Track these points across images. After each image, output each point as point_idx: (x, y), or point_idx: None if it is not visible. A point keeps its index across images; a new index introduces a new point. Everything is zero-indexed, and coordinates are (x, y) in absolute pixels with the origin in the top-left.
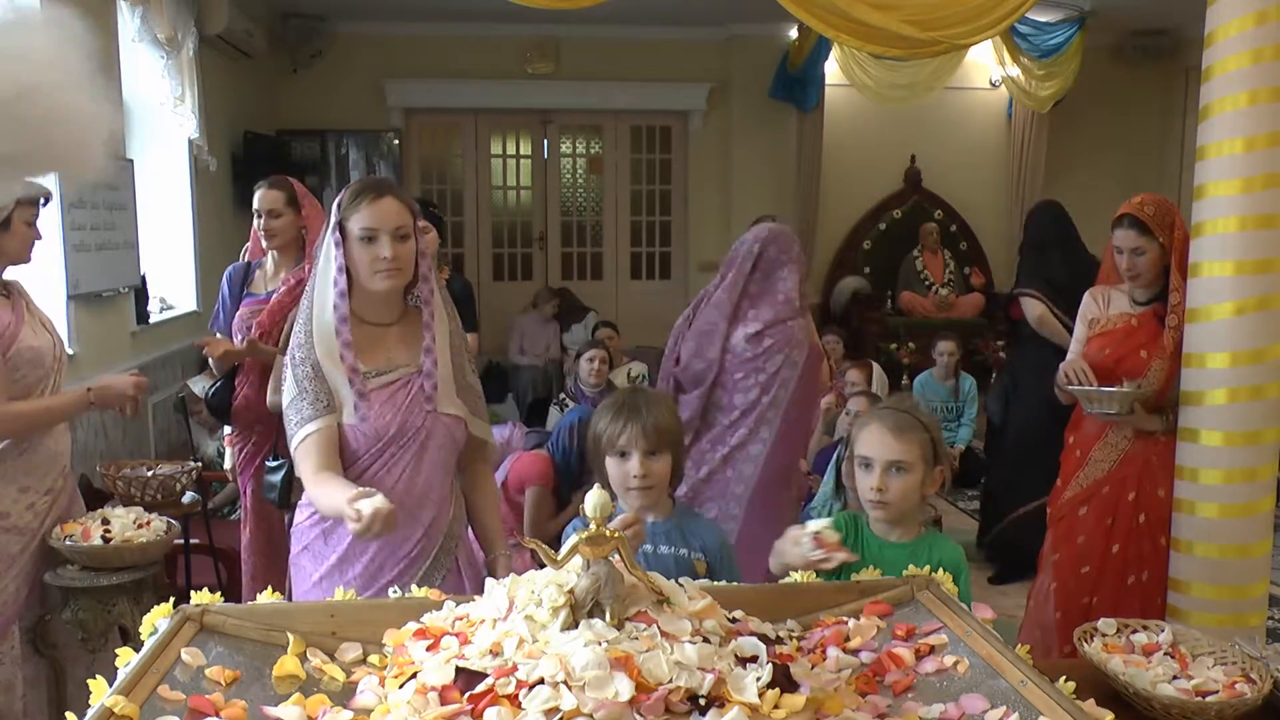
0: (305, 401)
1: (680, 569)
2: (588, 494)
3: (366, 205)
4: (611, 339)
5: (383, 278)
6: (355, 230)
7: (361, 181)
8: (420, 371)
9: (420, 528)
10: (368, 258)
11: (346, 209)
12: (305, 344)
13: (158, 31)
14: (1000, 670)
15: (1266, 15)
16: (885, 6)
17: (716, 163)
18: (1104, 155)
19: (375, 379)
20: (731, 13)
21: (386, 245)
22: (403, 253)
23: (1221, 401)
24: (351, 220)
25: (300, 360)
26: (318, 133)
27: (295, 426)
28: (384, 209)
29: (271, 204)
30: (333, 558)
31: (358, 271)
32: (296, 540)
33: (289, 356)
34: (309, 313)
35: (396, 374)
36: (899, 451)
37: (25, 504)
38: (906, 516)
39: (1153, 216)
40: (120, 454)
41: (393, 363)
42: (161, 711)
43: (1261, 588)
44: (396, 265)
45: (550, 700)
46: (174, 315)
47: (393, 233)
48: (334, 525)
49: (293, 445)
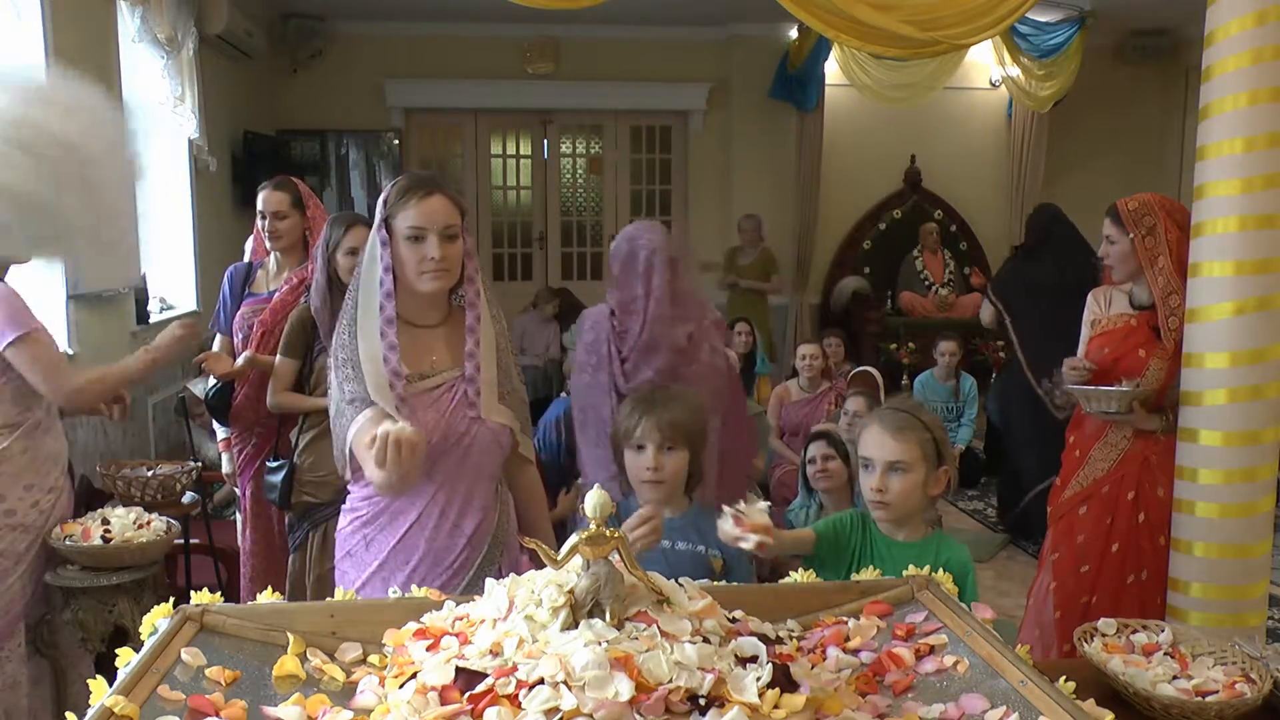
0: (355, 405)
1: (697, 565)
2: (588, 494)
3: (415, 203)
4: None
5: (430, 278)
6: (402, 229)
7: (410, 177)
8: (463, 376)
9: (463, 537)
10: (415, 258)
11: (393, 206)
12: (349, 344)
13: (158, 31)
14: (1000, 670)
15: (1266, 15)
16: (885, 6)
17: (716, 163)
18: (1104, 155)
19: (418, 383)
20: (731, 13)
21: (435, 245)
22: (451, 253)
23: (1221, 401)
24: (398, 218)
25: (343, 361)
26: (318, 133)
27: (349, 422)
28: (433, 207)
29: (277, 205)
30: (374, 564)
31: (403, 271)
32: (340, 546)
33: (331, 356)
34: (353, 313)
35: (440, 378)
36: (897, 451)
37: (30, 501)
38: (911, 517)
39: (1130, 211)
40: (120, 454)
41: (436, 367)
42: (161, 711)
43: (1261, 588)
44: (444, 266)
45: (550, 700)
46: (174, 315)
47: (441, 232)
48: (375, 533)
49: (347, 442)
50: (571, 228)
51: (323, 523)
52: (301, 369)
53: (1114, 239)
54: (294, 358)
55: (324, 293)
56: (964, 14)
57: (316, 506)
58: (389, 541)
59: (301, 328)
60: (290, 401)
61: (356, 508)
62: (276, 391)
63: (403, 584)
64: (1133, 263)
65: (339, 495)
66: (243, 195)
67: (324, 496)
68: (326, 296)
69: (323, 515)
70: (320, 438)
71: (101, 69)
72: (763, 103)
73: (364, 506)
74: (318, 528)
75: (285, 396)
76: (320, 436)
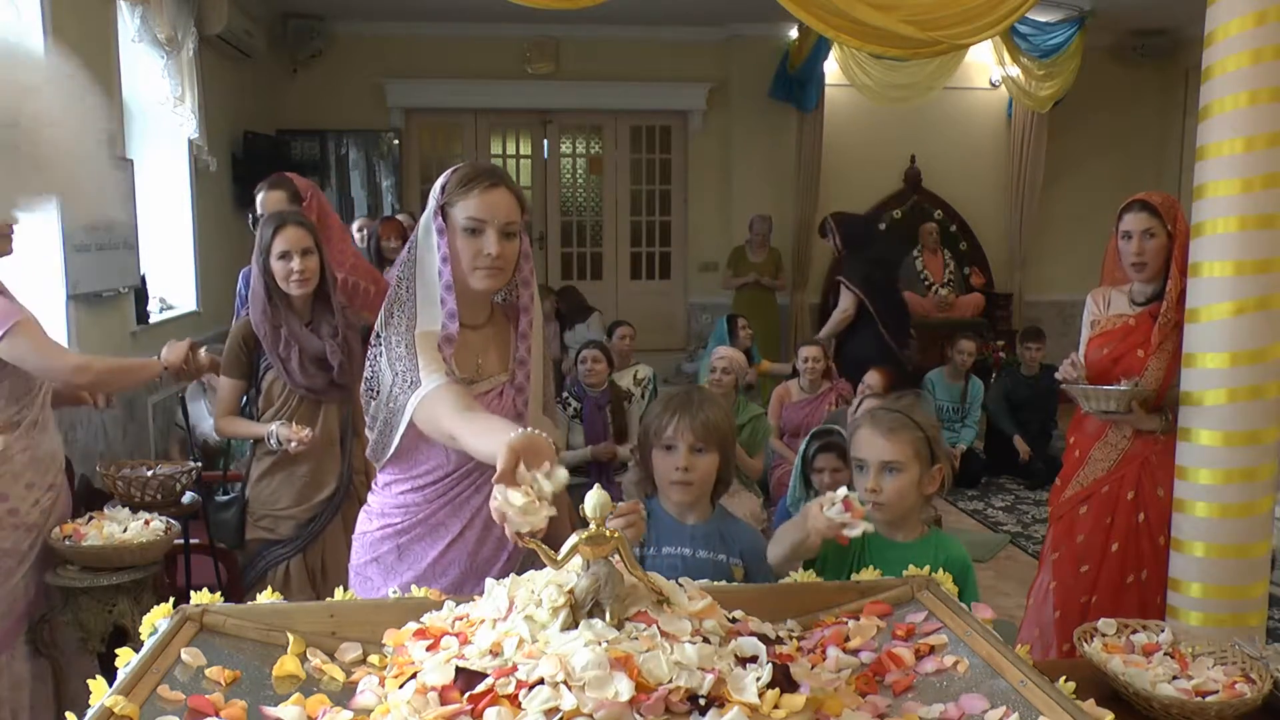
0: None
1: (718, 575)
2: (588, 494)
3: (479, 194)
4: (629, 339)
5: (484, 275)
6: (460, 219)
7: (473, 166)
8: (511, 382)
9: (505, 551)
10: (470, 251)
11: (453, 193)
12: (406, 334)
13: (158, 31)
14: (1000, 670)
15: (1266, 15)
16: (885, 6)
17: (716, 163)
18: (1104, 155)
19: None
20: (731, 13)
21: (493, 240)
22: (509, 251)
23: (1221, 401)
24: (457, 207)
25: (394, 344)
26: (317, 133)
27: (410, 389)
28: (496, 200)
29: (275, 205)
30: (409, 574)
31: (455, 264)
32: (364, 549)
33: (373, 351)
34: (412, 307)
35: (487, 384)
36: (890, 452)
37: (32, 500)
38: (907, 516)
39: (1160, 203)
40: (120, 454)
41: (483, 371)
42: (161, 711)
43: (1261, 588)
44: (500, 265)
45: (550, 700)
46: (174, 315)
47: (501, 227)
48: (410, 543)
49: (418, 401)
50: (571, 228)
51: (283, 561)
52: (247, 390)
53: (1153, 230)
54: (238, 378)
55: (263, 303)
56: (964, 14)
57: (273, 544)
58: (428, 554)
59: (243, 344)
60: (236, 428)
61: (389, 514)
62: (219, 415)
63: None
64: (1164, 256)
65: (300, 530)
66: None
67: (283, 532)
68: (266, 308)
69: (282, 554)
70: (277, 467)
71: (101, 69)
72: (763, 103)
73: (398, 514)
74: (276, 567)
75: (230, 422)
76: (277, 466)
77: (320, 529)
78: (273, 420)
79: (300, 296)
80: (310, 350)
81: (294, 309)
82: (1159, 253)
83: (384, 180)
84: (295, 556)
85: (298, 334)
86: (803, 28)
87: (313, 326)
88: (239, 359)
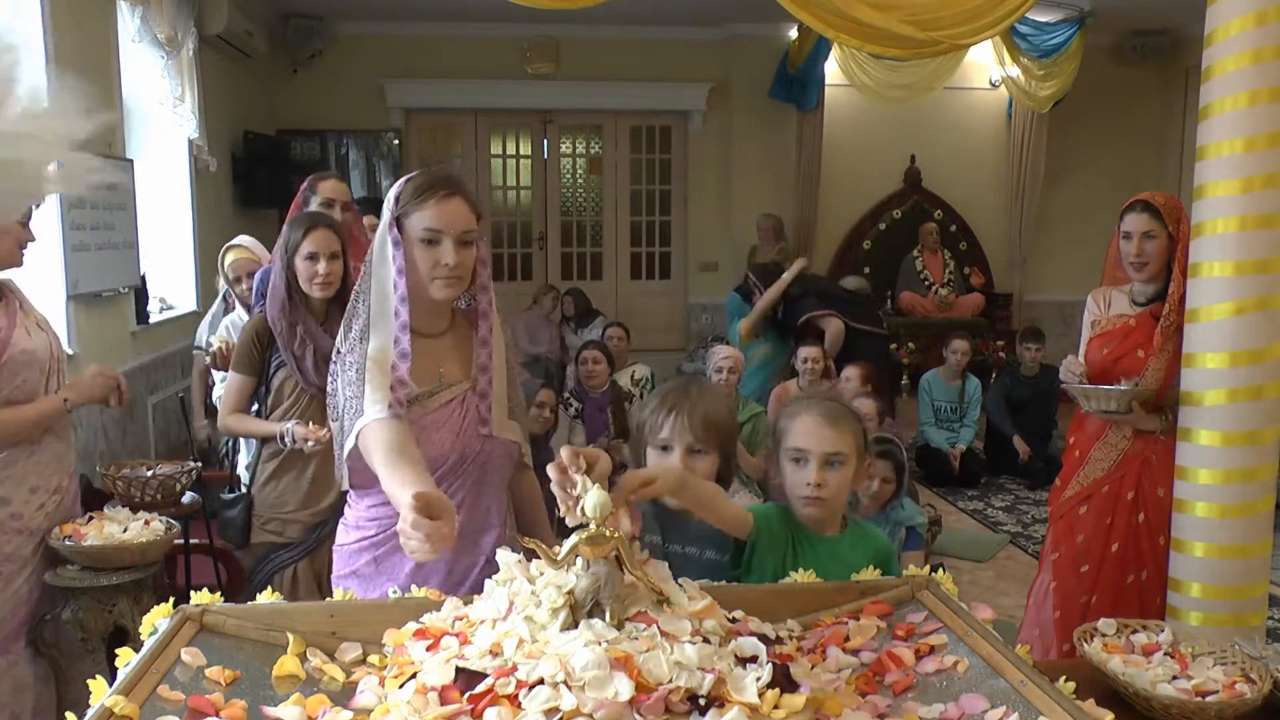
0: (359, 399)
1: (722, 577)
2: (588, 494)
3: (434, 204)
4: (620, 340)
5: (442, 285)
6: (416, 230)
7: (429, 175)
8: (474, 388)
9: (483, 555)
10: (428, 262)
11: (408, 204)
12: (359, 348)
13: (158, 31)
14: (1000, 670)
15: (1266, 15)
16: (885, 6)
17: (716, 163)
18: (1104, 155)
19: (428, 401)
20: (731, 13)
21: (450, 250)
22: (466, 259)
23: (1221, 401)
24: (413, 218)
25: (349, 365)
26: (318, 133)
27: (351, 421)
28: (452, 210)
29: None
30: (386, 586)
31: (413, 275)
32: (342, 562)
33: (337, 362)
34: (365, 317)
35: (449, 393)
36: (836, 443)
37: (36, 504)
38: (839, 512)
39: (1163, 205)
40: (120, 454)
41: (445, 379)
42: (161, 711)
43: (1261, 588)
44: (458, 273)
45: (550, 700)
46: (174, 315)
47: (457, 237)
48: (386, 555)
49: (357, 431)
50: (571, 228)
51: (289, 565)
52: (257, 388)
53: (1153, 233)
54: (248, 374)
55: (282, 299)
56: (964, 14)
57: (280, 547)
58: (405, 565)
59: (256, 340)
60: (242, 425)
61: (363, 526)
62: (227, 412)
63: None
64: (1165, 258)
65: (307, 534)
66: (243, 195)
67: (290, 535)
68: (285, 304)
69: (288, 558)
70: (284, 468)
71: (101, 69)
72: (763, 103)
73: (372, 527)
74: (283, 571)
75: (236, 419)
76: (284, 467)
77: (328, 533)
78: (281, 419)
79: (320, 299)
80: (325, 350)
81: (311, 310)
82: (1159, 254)
83: (384, 180)
84: (303, 560)
85: (313, 333)
86: (803, 28)
87: (327, 327)
88: (251, 354)
